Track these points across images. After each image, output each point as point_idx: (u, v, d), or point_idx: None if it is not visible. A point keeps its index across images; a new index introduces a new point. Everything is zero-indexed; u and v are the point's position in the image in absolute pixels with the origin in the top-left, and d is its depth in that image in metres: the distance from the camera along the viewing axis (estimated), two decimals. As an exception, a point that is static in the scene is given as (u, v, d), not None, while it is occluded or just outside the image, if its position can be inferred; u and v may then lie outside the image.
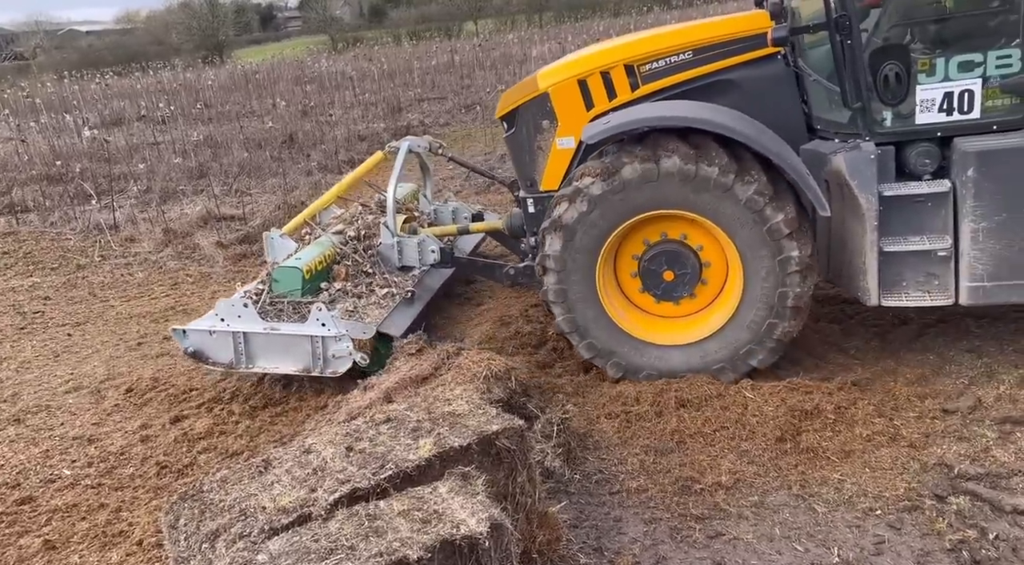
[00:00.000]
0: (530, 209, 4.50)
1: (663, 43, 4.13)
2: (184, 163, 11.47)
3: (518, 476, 2.83)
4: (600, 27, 29.01)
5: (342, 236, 5.12)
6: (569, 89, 4.20)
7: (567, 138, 4.24)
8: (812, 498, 3.10)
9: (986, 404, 3.48)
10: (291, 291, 4.56)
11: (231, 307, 4.34)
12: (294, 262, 4.65)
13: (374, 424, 2.85)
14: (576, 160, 4.22)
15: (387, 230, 4.97)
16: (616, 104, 4.13)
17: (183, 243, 7.70)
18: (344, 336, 4.12)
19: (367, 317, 4.47)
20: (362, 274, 4.87)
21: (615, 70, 4.14)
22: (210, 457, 3.93)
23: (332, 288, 4.73)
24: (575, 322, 4.05)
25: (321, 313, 4.15)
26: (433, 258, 4.95)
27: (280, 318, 4.41)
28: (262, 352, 4.32)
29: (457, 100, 16.57)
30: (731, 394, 3.84)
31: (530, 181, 4.48)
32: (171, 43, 51.83)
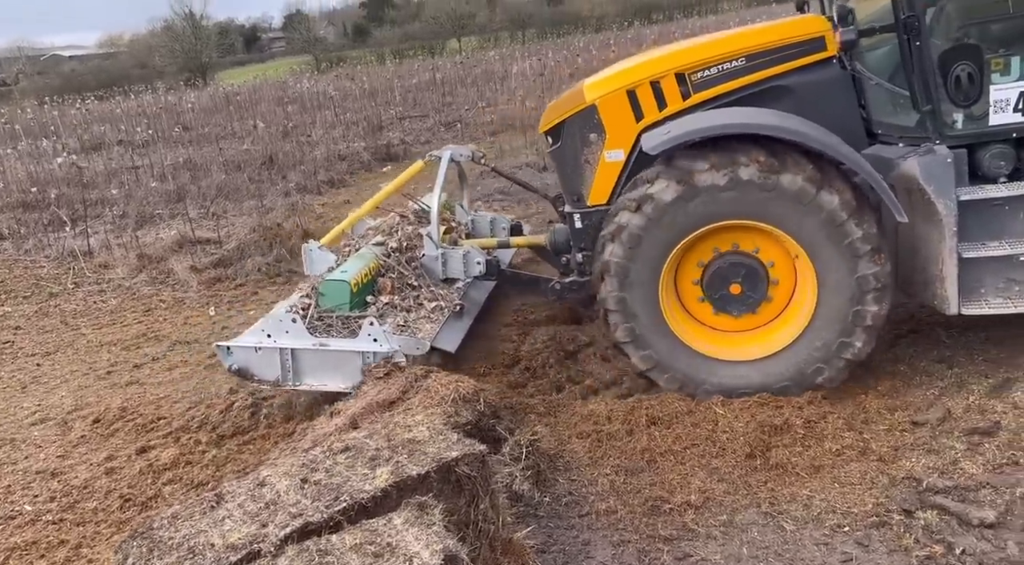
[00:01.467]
0: (577, 224, 4.35)
1: (715, 50, 4.03)
2: (162, 187, 11.40)
3: (480, 503, 2.78)
4: (580, 43, 29.19)
5: (383, 248, 4.93)
6: (618, 100, 4.07)
7: (616, 151, 4.11)
8: (781, 516, 3.06)
9: (955, 415, 3.46)
10: (339, 305, 4.36)
11: (278, 322, 4.18)
12: (340, 275, 4.46)
13: (332, 454, 2.79)
14: (625, 173, 4.10)
15: (431, 241, 4.78)
16: (667, 114, 4.01)
17: (157, 268, 7.62)
18: (396, 352, 3.98)
19: (419, 332, 4.29)
20: (408, 287, 4.68)
21: (665, 79, 4.02)
22: (175, 488, 3.86)
23: (379, 302, 4.53)
24: (633, 332, 3.88)
25: (373, 328, 4.02)
26: (478, 270, 4.75)
27: (329, 333, 4.25)
28: (310, 369, 4.17)
29: (439, 117, 16.61)
30: (702, 410, 3.81)
31: (577, 196, 4.33)
32: (154, 66, 51.80)
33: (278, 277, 7.17)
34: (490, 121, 14.70)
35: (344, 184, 11.57)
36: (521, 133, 12.81)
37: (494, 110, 15.96)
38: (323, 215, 9.48)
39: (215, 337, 5.93)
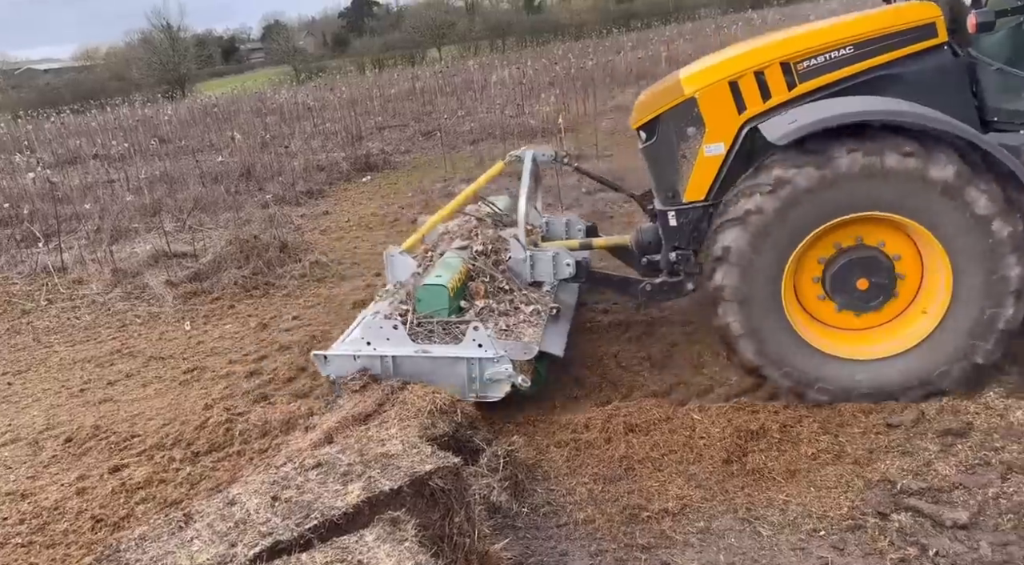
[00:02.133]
0: (671, 222, 4.23)
1: (821, 39, 3.89)
2: (137, 200, 11.29)
3: (455, 516, 2.75)
4: (559, 51, 29.33)
5: (468, 251, 4.77)
6: (719, 92, 3.94)
7: (716, 145, 3.98)
8: (757, 521, 3.06)
9: (929, 417, 3.48)
10: (438, 310, 4.24)
11: (378, 329, 4.02)
12: (437, 280, 4.31)
13: (303, 470, 2.76)
14: (725, 168, 4.00)
15: (518, 244, 4.67)
16: (771, 105, 3.89)
17: (132, 283, 7.53)
18: (503, 357, 3.85)
19: (523, 336, 4.16)
20: (500, 291, 4.54)
21: (770, 69, 3.88)
22: (148, 508, 3.79)
23: (474, 306, 4.39)
24: (750, 325, 3.72)
25: (478, 333, 3.89)
26: (568, 272, 4.65)
27: (430, 339, 4.12)
28: (411, 377, 4.00)
29: (418, 127, 16.59)
30: (679, 417, 3.81)
31: (671, 192, 4.20)
32: (131, 78, 51.46)
33: (255, 290, 7.10)
34: (470, 130, 14.71)
35: (323, 195, 11.51)
36: (501, 141, 12.81)
37: (474, 119, 15.97)
38: (301, 226, 9.43)
39: (190, 352, 5.88)
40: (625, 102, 16.29)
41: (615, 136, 12.80)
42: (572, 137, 12.00)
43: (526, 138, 12.51)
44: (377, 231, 8.86)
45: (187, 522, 2.54)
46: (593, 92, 16.85)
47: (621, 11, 58.14)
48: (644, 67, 20.12)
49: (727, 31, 26.08)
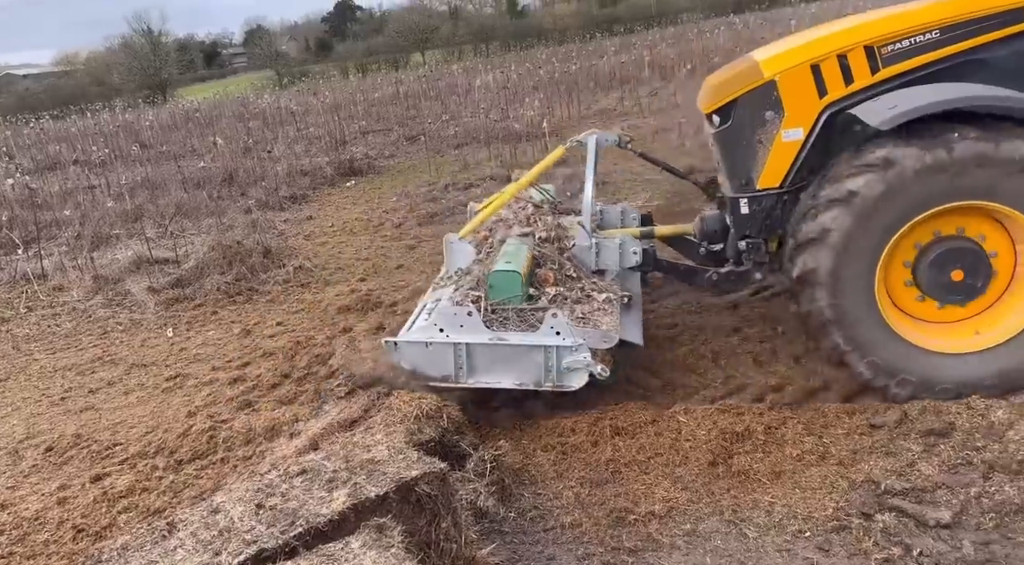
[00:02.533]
0: (743, 210, 4.14)
1: (906, 22, 3.80)
2: (119, 206, 11.18)
3: (442, 522, 2.75)
4: (543, 56, 29.40)
5: (531, 238, 4.66)
6: (800, 75, 3.86)
7: (794, 130, 3.89)
8: (743, 523, 3.07)
9: (912, 417, 3.50)
10: (512, 297, 4.09)
11: (452, 316, 3.90)
12: (508, 266, 4.17)
13: (288, 477, 2.74)
14: (803, 154, 3.93)
15: (583, 231, 4.54)
16: (853, 89, 3.81)
17: (113, 289, 7.45)
18: (581, 345, 3.74)
19: (601, 324, 4.01)
20: (567, 278, 4.41)
21: (853, 53, 3.79)
22: (131, 517, 3.75)
23: (545, 294, 4.23)
24: (841, 310, 3.61)
25: (556, 320, 3.78)
26: (635, 260, 4.53)
27: (505, 327, 3.99)
28: (485, 365, 3.91)
29: (402, 131, 16.56)
30: (665, 419, 3.82)
31: (745, 179, 4.10)
32: (112, 83, 51.07)
33: (238, 296, 7.05)
34: (454, 134, 14.70)
35: (307, 199, 11.46)
36: (485, 145, 12.82)
37: (458, 123, 15.97)
38: (285, 231, 9.38)
39: (173, 359, 5.82)
40: (608, 106, 16.38)
41: (599, 140, 12.86)
42: (556, 141, 12.01)
43: (510, 142, 12.52)
44: (361, 236, 8.83)
45: (170, 531, 2.52)
46: (577, 96, 16.92)
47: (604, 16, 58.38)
48: (627, 71, 20.22)
49: (709, 36, 26.25)
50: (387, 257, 7.79)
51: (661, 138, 12.20)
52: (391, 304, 6.23)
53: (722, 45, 22.62)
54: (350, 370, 4.84)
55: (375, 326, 5.65)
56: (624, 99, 16.69)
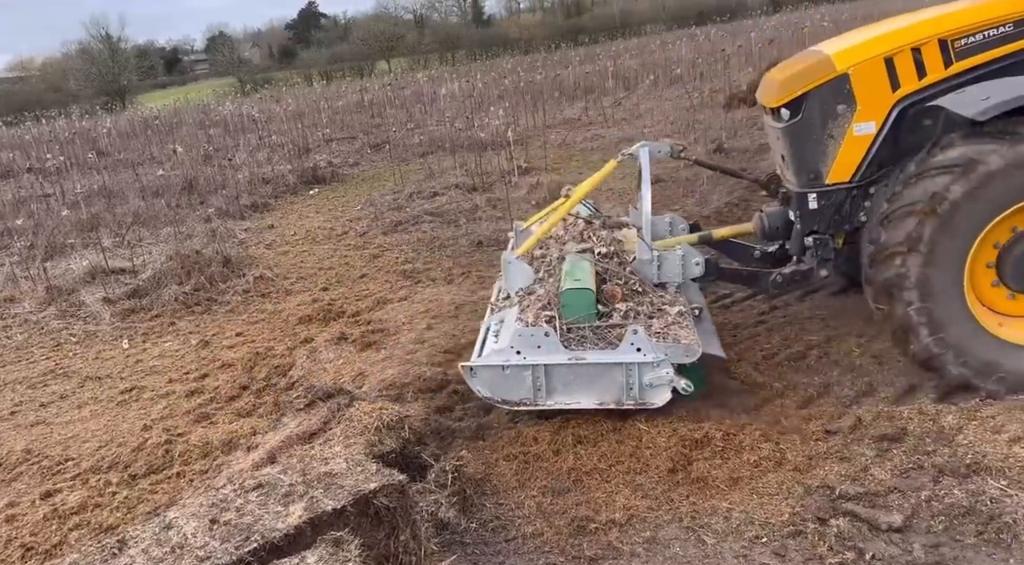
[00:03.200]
0: (811, 205, 4.12)
1: (980, 16, 3.79)
2: (74, 215, 10.92)
3: (400, 534, 2.73)
4: (508, 65, 29.51)
5: (590, 254, 4.57)
6: (874, 69, 3.85)
7: (866, 123, 3.88)
8: (702, 529, 3.09)
9: (865, 423, 3.57)
10: (586, 315, 4.01)
11: (529, 337, 3.81)
12: (578, 283, 4.08)
13: (243, 491, 2.70)
14: (874, 148, 3.91)
15: (644, 244, 4.43)
16: (926, 83, 3.82)
17: (67, 300, 7.27)
18: (664, 361, 3.69)
19: (680, 338, 3.91)
20: (634, 293, 4.31)
21: (927, 46, 3.80)
22: (82, 534, 3.65)
23: (616, 310, 4.13)
24: (930, 314, 3.57)
25: (637, 337, 3.71)
26: (698, 271, 4.44)
27: (582, 345, 3.90)
28: (563, 385, 3.83)
29: (367, 139, 16.47)
30: (627, 427, 3.83)
31: (814, 173, 4.08)
32: (69, 90, 50.00)
33: (196, 306, 6.93)
34: (419, 142, 14.67)
35: (268, 208, 11.32)
36: (451, 154, 12.81)
37: (423, 131, 15.94)
38: (246, 240, 9.26)
39: (128, 371, 5.70)
40: (573, 116, 16.50)
41: (563, 149, 12.94)
42: (521, 150, 12.07)
43: (475, 151, 12.52)
44: (324, 245, 8.75)
45: (121, 548, 2.46)
46: (542, 106, 17.01)
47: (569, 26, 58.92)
48: (592, 82, 20.40)
49: (671, 47, 26.62)
50: (350, 266, 7.73)
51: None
52: (353, 313, 6.19)
53: (684, 56, 22.97)
54: (310, 381, 4.80)
55: (336, 336, 5.60)
56: (588, 109, 16.82)
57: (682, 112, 13.69)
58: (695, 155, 10.05)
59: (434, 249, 7.90)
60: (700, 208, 7.95)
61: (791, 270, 4.35)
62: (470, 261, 7.33)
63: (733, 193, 8.24)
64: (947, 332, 3.61)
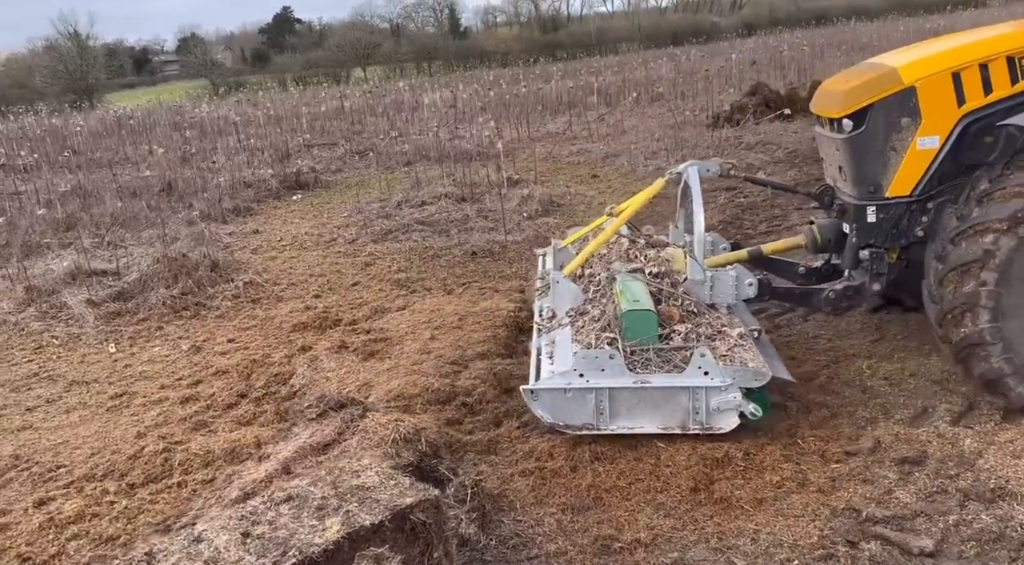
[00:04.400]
0: (869, 218, 4.10)
1: None
2: (49, 214, 10.63)
3: (434, 551, 2.65)
4: (490, 76, 29.58)
5: (642, 274, 4.49)
6: (941, 83, 3.83)
7: (931, 137, 3.87)
8: (730, 551, 3.06)
9: (885, 445, 3.59)
10: (649, 338, 3.91)
11: (593, 360, 3.74)
12: (638, 305, 3.98)
13: (273, 504, 2.60)
14: (936, 162, 3.90)
15: (696, 264, 4.37)
16: (992, 99, 3.81)
17: (48, 301, 7.04)
18: (731, 385, 3.63)
19: (748, 361, 3.83)
20: (690, 314, 4.23)
21: (995, 62, 3.78)
22: (81, 544, 3.50)
23: (676, 331, 4.04)
24: (1001, 334, 3.55)
25: (704, 360, 3.65)
26: (751, 292, 4.37)
27: (647, 368, 3.82)
28: (627, 409, 3.75)
29: (349, 146, 16.33)
30: (644, 445, 3.80)
31: (874, 186, 4.06)
32: (35, 86, 48.83)
33: (184, 310, 6.76)
34: (403, 151, 14.58)
35: (251, 212, 11.14)
36: (437, 163, 12.75)
37: (407, 140, 15.86)
38: (231, 245, 9.08)
39: (116, 376, 5.52)
40: (557, 129, 16.57)
41: (550, 161, 12.97)
42: (509, 162, 12.05)
43: (462, 161, 12.48)
44: (313, 251, 8.62)
45: (149, 563, 2.35)
46: (527, 118, 17.05)
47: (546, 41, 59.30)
48: (575, 96, 20.52)
49: (652, 66, 26.94)
50: (341, 274, 7.62)
51: (611, 162, 12.40)
52: (350, 322, 6.08)
53: (665, 75, 23.25)
54: (313, 390, 4.69)
55: (337, 344, 5.49)
56: (572, 123, 16.91)
57: (667, 129, 13.80)
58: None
59: (427, 259, 7.82)
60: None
61: (843, 286, 4.32)
62: (465, 271, 7.28)
63: (725, 212, 8.32)
64: (1017, 353, 3.60)
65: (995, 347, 3.59)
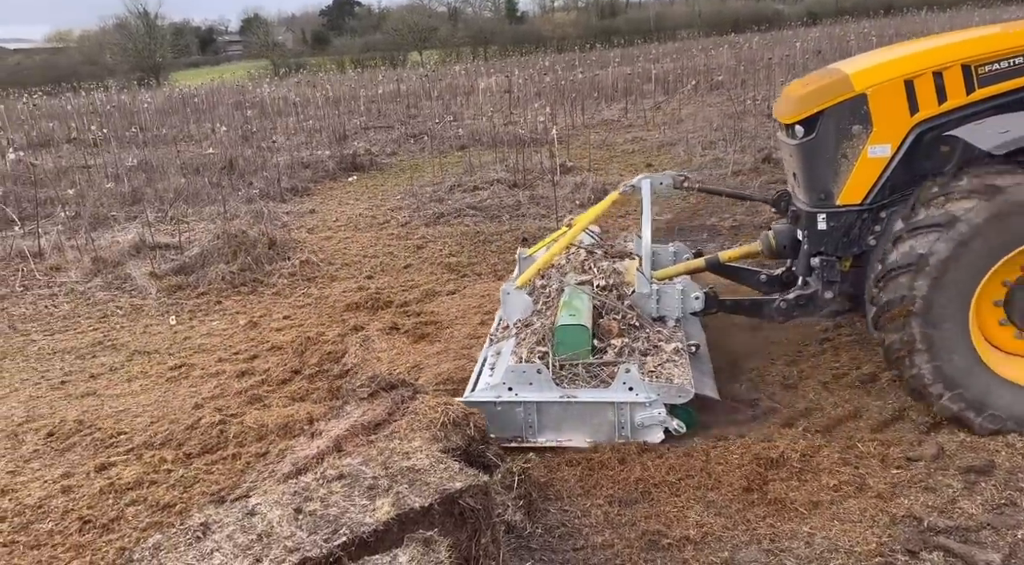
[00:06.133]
0: (820, 225, 4.03)
1: (1007, 43, 3.70)
2: (116, 188, 10.97)
3: (482, 537, 2.65)
4: (546, 62, 29.39)
5: (589, 287, 4.53)
6: (893, 90, 3.76)
7: (882, 146, 3.81)
8: (783, 554, 2.99)
9: (949, 453, 3.45)
10: (580, 352, 3.99)
11: (521, 374, 3.82)
12: (573, 319, 4.05)
13: (326, 481, 2.63)
14: (888, 171, 3.84)
15: (643, 277, 4.38)
16: (946, 108, 3.72)
17: (113, 273, 7.27)
18: (656, 401, 3.70)
19: (673, 377, 3.86)
20: (631, 328, 4.26)
21: (950, 70, 3.70)
22: (139, 510, 3.61)
23: (611, 346, 4.08)
24: (930, 340, 3.48)
25: (629, 376, 3.72)
26: (697, 306, 4.39)
27: (575, 383, 3.89)
28: (555, 423, 3.82)
29: (404, 129, 16.44)
30: (693, 440, 3.74)
31: (825, 193, 4.00)
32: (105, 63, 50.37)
33: (243, 286, 6.91)
34: (457, 135, 14.61)
35: (308, 192, 11.31)
36: (490, 148, 12.75)
37: (461, 124, 15.88)
38: (288, 224, 9.24)
39: (176, 347, 5.68)
40: (612, 117, 16.38)
41: (603, 149, 12.84)
42: (562, 149, 11.97)
43: (516, 147, 12.44)
44: (367, 232, 8.71)
45: (205, 532, 2.40)
46: (581, 105, 16.90)
47: (603, 27, 58.64)
48: (631, 83, 20.25)
49: (712, 53, 26.40)
50: (394, 256, 7.69)
51: (667, 151, 12.21)
52: (402, 304, 6.13)
53: (724, 63, 22.76)
54: (365, 370, 4.74)
55: (388, 326, 5.54)
56: (628, 111, 16.70)
57: (725, 119, 13.52)
58: (736, 165, 10.03)
59: (478, 243, 7.83)
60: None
61: (795, 294, 4.27)
62: (516, 258, 7.25)
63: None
64: (946, 362, 3.51)
65: (923, 354, 3.51)
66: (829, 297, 4.19)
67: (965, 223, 3.37)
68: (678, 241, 5.73)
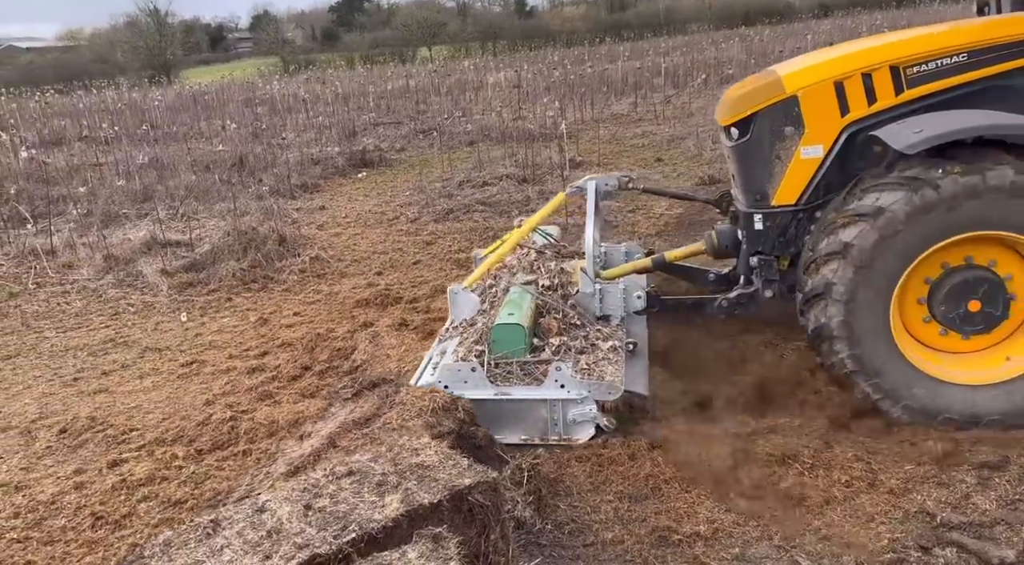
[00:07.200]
0: (756, 226, 4.10)
1: (935, 44, 3.75)
2: (128, 185, 11.02)
3: (491, 533, 2.65)
4: (555, 57, 29.31)
5: (534, 286, 4.59)
6: (823, 92, 3.81)
7: (814, 147, 3.86)
8: (795, 549, 2.97)
9: (963, 448, 3.42)
10: (516, 350, 4.05)
11: (456, 372, 3.87)
12: (510, 318, 4.11)
13: (335, 478, 2.63)
14: (821, 172, 3.88)
15: (586, 277, 4.46)
16: (876, 109, 3.77)
17: (125, 270, 7.31)
18: (587, 398, 3.76)
19: (605, 375, 3.95)
20: (572, 327, 4.33)
21: (878, 72, 3.75)
22: (151, 506, 3.63)
23: (549, 345, 4.16)
24: (850, 328, 3.53)
25: (560, 373, 3.77)
26: (639, 305, 4.48)
27: (509, 381, 3.96)
28: (490, 420, 3.82)
29: (413, 125, 16.44)
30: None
31: (760, 194, 4.06)
32: (116, 62, 50.72)
33: (253, 283, 6.93)
34: (466, 131, 14.60)
35: (318, 189, 11.34)
36: (499, 144, 12.73)
37: (470, 120, 15.87)
38: (298, 220, 9.26)
39: (187, 344, 5.70)
40: (621, 111, 16.32)
41: (613, 144, 12.80)
42: (571, 143, 11.94)
43: (525, 142, 12.43)
44: (376, 229, 8.72)
45: (215, 529, 2.41)
46: (591, 99, 16.84)
47: (612, 21, 58.48)
48: (640, 77, 20.17)
49: (723, 46, 26.25)
50: (403, 252, 7.69)
51: (677, 145, 12.15)
52: (411, 300, 6.13)
53: (735, 56, 22.62)
54: (374, 367, 4.75)
55: (398, 322, 5.54)
56: (637, 105, 16.63)
57: (737, 114, 13.43)
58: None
59: (488, 239, 7.81)
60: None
61: (736, 294, 4.33)
62: (527, 254, 7.23)
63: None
64: (864, 348, 3.55)
65: (842, 341, 3.55)
66: (769, 296, 4.25)
67: (891, 214, 3.39)
68: (631, 242, 5.76)
